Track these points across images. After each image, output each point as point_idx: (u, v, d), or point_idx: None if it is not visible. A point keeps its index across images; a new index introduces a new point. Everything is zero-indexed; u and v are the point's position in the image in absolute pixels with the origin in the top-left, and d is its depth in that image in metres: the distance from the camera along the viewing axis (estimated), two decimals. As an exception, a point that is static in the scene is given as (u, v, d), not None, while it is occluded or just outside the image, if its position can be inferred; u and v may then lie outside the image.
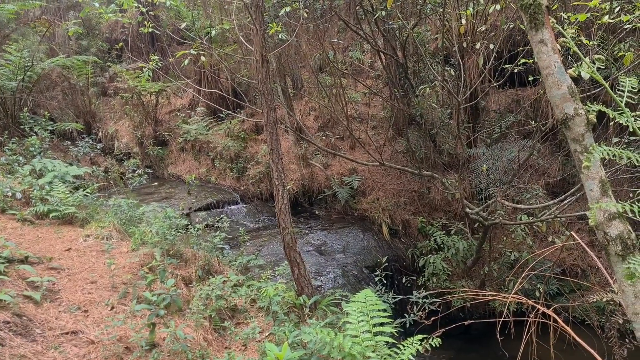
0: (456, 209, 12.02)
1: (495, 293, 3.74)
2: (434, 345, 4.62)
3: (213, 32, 8.22)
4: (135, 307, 4.94)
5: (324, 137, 13.53)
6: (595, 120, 2.14)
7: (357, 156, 12.37)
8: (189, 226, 7.56)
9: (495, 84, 7.23)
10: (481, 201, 10.98)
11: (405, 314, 7.17)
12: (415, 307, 7.22)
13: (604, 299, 3.57)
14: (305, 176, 13.09)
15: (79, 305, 5.51)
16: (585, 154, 2.06)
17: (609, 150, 1.98)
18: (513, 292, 3.68)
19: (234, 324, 6.04)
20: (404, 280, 9.77)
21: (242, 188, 13.38)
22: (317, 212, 12.95)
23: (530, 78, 7.54)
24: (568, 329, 3.17)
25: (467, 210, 8.59)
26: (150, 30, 7.83)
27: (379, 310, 5.10)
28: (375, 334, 4.93)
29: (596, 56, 2.72)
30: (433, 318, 4.30)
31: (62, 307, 5.45)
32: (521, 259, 10.21)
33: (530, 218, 9.53)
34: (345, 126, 13.34)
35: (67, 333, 5.01)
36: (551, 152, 13.43)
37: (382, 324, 5.00)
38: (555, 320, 3.29)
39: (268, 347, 4.54)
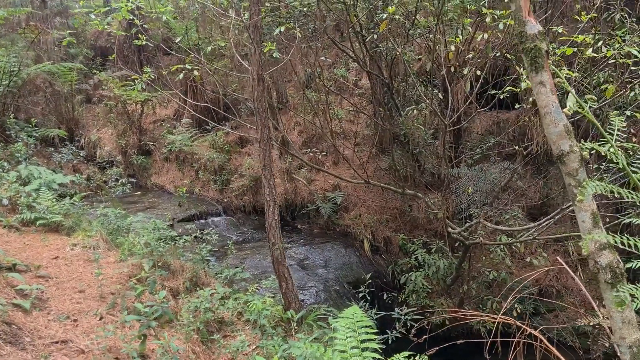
0: (437, 227, 12.23)
1: (484, 314, 3.89)
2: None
3: (209, 49, 8.33)
4: (126, 318, 4.99)
5: (310, 153, 13.68)
6: (588, 156, 2.32)
7: (340, 172, 12.54)
8: (178, 237, 7.60)
9: (481, 110, 7.45)
10: (461, 221, 11.21)
11: (387, 330, 7.32)
12: (398, 323, 7.39)
13: (591, 323, 3.73)
14: (289, 190, 13.20)
15: (68, 315, 5.54)
16: (579, 188, 2.23)
17: (602, 185, 2.16)
18: (501, 313, 3.83)
19: (222, 337, 6.10)
20: (384, 296, 9.93)
21: (225, 200, 13.44)
22: (299, 227, 13.07)
23: (517, 106, 7.77)
24: (554, 350, 3.34)
25: (450, 229, 8.79)
26: (144, 42, 7.91)
27: (366, 327, 5.23)
28: (363, 350, 5.06)
29: (588, 96, 2.92)
30: (425, 336, 4.41)
31: (51, 315, 5.47)
32: (500, 279, 10.46)
33: (510, 239, 9.78)
34: (330, 141, 13.55)
35: (57, 342, 5.04)
36: (530, 176, 13.77)
37: (369, 340, 5.13)
38: (541, 342, 3.45)
39: (257, 359, 4.64)
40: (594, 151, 2.43)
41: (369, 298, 7.56)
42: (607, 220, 7.85)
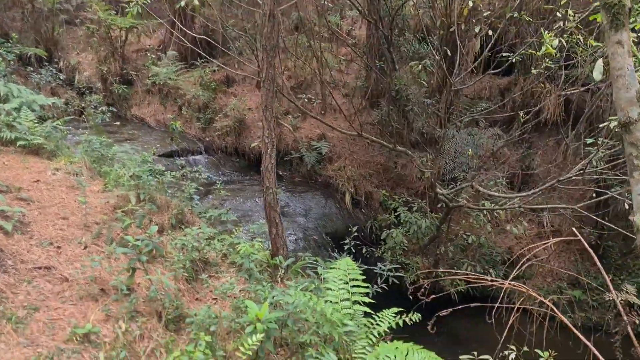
0: (419, 186, 12.22)
1: (495, 279, 3.82)
2: (415, 321, 4.73)
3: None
4: (117, 250, 4.81)
5: (303, 99, 13.37)
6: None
7: (327, 122, 12.32)
8: (165, 172, 7.35)
9: (492, 72, 7.27)
10: (444, 182, 11.20)
11: (368, 285, 7.32)
12: (380, 278, 7.36)
13: (620, 299, 3.69)
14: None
15: (51, 241, 5.33)
16: (641, 158, 2.11)
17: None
18: (511, 280, 3.78)
19: (206, 277, 5.98)
20: (363, 250, 9.92)
21: (207, 139, 13.15)
22: (281, 173, 12.89)
23: (535, 69, 7.46)
24: (566, 320, 3.30)
25: (438, 190, 8.74)
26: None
27: (357, 280, 5.18)
28: (354, 302, 5.01)
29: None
30: (433, 296, 4.34)
31: (33, 240, 5.26)
32: (476, 244, 10.54)
33: (493, 205, 9.81)
34: (320, 89, 13.27)
35: (39, 268, 4.85)
36: (513, 144, 13.79)
37: (360, 294, 5.09)
38: (552, 310, 3.41)
39: (249, 305, 4.54)
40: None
41: (353, 251, 7.49)
42: None
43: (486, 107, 12.17)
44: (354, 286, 5.05)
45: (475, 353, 4.36)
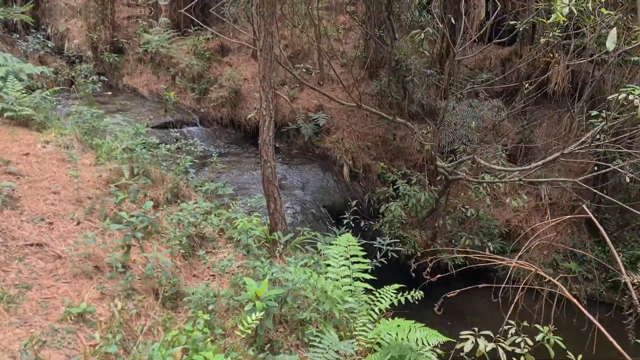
0: (418, 158, 12.06)
1: (499, 257, 3.68)
2: (417, 298, 4.61)
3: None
4: (112, 227, 4.64)
5: (298, 69, 13.08)
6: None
7: (325, 92, 12.08)
8: (160, 145, 7.12)
9: (497, 41, 7.04)
10: (443, 154, 11.03)
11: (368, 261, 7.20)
12: (379, 253, 7.24)
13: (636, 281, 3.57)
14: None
15: (43, 217, 5.15)
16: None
17: None
18: (518, 258, 3.64)
19: (203, 253, 5.84)
20: (362, 224, 9.79)
21: (202, 110, 12.88)
22: (277, 145, 12.67)
23: (543, 38, 7.14)
24: (574, 300, 3.17)
25: (438, 163, 8.58)
26: None
27: (358, 257, 5.05)
28: (355, 279, 4.89)
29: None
30: (438, 275, 4.20)
31: (24, 216, 5.08)
32: (474, 217, 10.41)
33: (493, 178, 9.67)
34: (317, 58, 12.99)
35: (31, 245, 4.69)
36: (513, 117, 13.60)
37: (361, 271, 4.96)
38: (562, 291, 3.28)
39: (248, 283, 4.40)
40: None
41: (352, 225, 7.37)
42: None
43: (487, 78, 11.95)
44: (354, 262, 4.93)
45: (476, 329, 4.28)
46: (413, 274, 4.40)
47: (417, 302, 4.93)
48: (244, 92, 12.95)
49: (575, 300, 3.28)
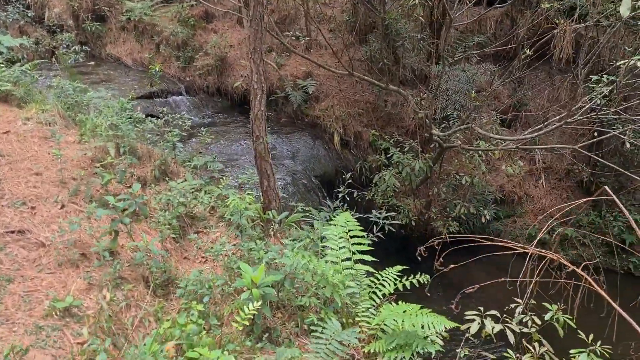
0: (409, 125, 11.83)
1: (515, 243, 3.47)
2: (422, 282, 4.46)
3: None
4: (98, 213, 4.40)
5: (287, 36, 12.68)
6: None
7: (314, 59, 11.73)
8: (146, 119, 6.81)
9: (498, 6, 6.74)
10: (436, 120, 10.80)
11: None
12: (375, 227, 7.06)
13: None
14: (257, 74, 12.37)
15: (24, 200, 4.90)
16: None
17: None
18: (536, 244, 3.45)
19: (193, 233, 5.64)
20: (355, 195, 9.61)
21: (187, 79, 12.50)
22: (266, 114, 12.36)
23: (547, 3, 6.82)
24: (598, 288, 3.01)
25: (433, 131, 8.37)
26: None
27: (359, 237, 4.87)
28: (355, 262, 4.72)
29: None
30: (452, 266, 3.98)
31: (4, 200, 4.82)
32: (472, 184, 10.26)
33: (488, 145, 9.48)
34: (305, 23, 12.60)
35: (12, 232, 4.45)
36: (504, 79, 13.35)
37: (362, 252, 4.79)
38: (586, 280, 3.11)
39: (243, 269, 4.22)
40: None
41: (348, 199, 7.17)
42: None
43: (480, 41, 11.65)
44: (354, 244, 4.74)
45: (482, 308, 4.14)
46: (419, 258, 4.21)
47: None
48: (230, 59, 12.56)
49: (599, 289, 3.12)
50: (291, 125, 11.86)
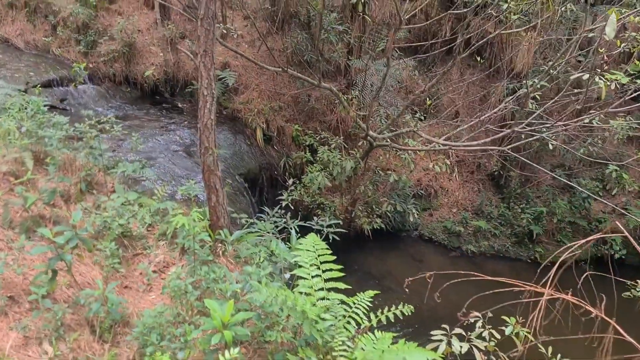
0: (331, 119, 11.55)
1: (528, 283, 3.23)
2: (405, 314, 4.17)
3: None
4: (33, 251, 3.66)
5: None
6: None
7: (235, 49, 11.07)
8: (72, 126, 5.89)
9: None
10: (359, 115, 10.61)
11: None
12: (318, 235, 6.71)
13: None
14: (170, 62, 11.51)
15: None
16: None
17: None
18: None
19: (132, 256, 4.99)
20: (284, 195, 9.20)
21: (90, 65, 11.33)
22: (180, 105, 11.55)
23: None
24: (620, 329, 2.84)
25: (370, 133, 8.13)
26: None
27: (330, 262, 4.49)
28: (329, 290, 4.34)
29: None
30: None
31: None
32: (399, 181, 10.21)
33: (417, 144, 9.44)
34: (220, 8, 11.88)
35: None
36: (425, 74, 13.46)
37: (334, 279, 4.41)
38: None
39: (210, 307, 3.72)
40: None
41: (267, 197, 6.73)
42: None
43: (403, 35, 11.58)
44: (325, 270, 4.35)
45: (447, 327, 3.99)
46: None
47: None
48: (139, 45, 11.57)
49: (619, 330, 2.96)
50: (209, 119, 11.14)
